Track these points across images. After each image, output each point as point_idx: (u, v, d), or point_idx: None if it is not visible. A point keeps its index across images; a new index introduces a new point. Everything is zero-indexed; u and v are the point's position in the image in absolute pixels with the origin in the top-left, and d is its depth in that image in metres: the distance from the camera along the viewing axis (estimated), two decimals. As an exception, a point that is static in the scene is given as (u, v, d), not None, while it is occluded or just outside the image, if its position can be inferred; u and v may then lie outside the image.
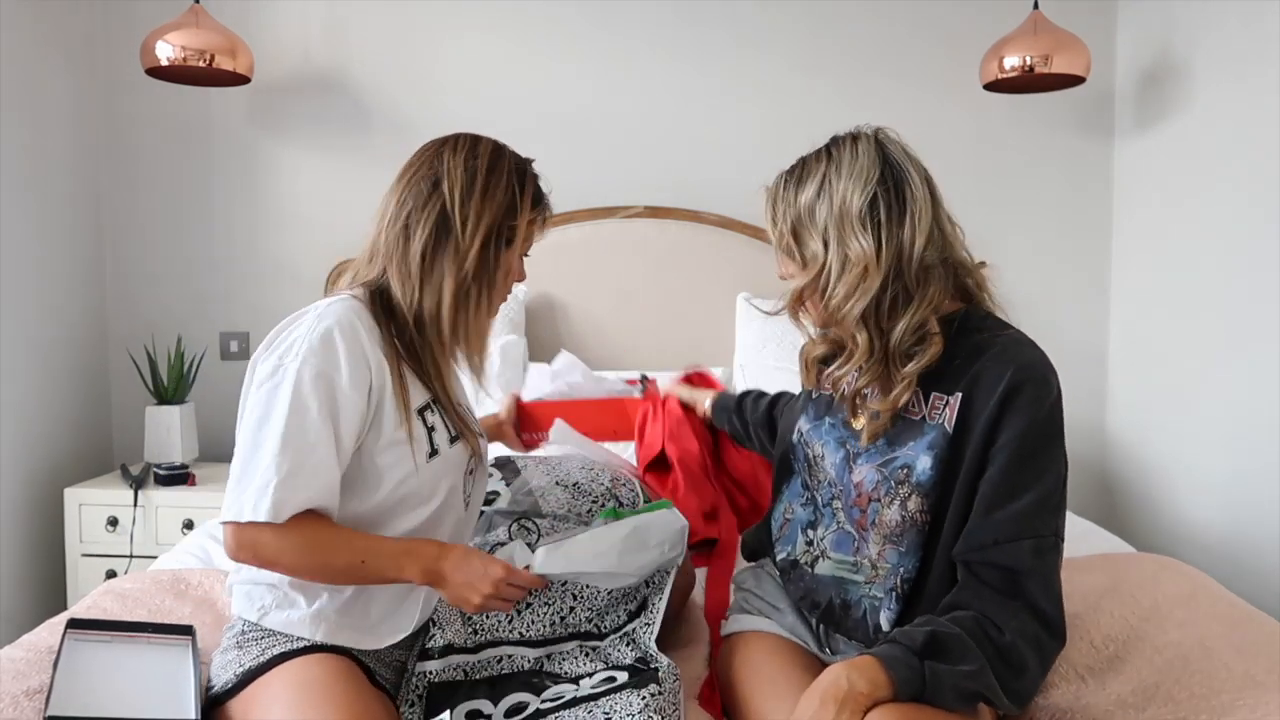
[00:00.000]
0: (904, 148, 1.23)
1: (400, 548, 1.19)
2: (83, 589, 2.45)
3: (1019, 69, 2.54)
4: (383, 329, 1.24)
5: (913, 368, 1.17)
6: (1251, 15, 2.31)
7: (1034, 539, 1.11)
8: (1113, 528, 2.62)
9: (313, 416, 1.15)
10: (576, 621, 1.35)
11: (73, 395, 2.77)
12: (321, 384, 1.16)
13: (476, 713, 1.22)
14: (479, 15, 2.88)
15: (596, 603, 1.37)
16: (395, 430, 1.21)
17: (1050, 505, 1.13)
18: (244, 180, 2.90)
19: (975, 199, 2.89)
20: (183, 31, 2.51)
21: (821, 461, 1.29)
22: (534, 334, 2.79)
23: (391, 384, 1.22)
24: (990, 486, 1.12)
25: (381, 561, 1.17)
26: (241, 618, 1.25)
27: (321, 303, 1.23)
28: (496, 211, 1.27)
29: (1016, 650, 1.07)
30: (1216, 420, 2.46)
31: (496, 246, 1.27)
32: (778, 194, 1.25)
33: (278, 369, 1.17)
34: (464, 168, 1.26)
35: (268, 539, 1.13)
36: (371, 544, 1.18)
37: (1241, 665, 1.25)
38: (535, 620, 1.33)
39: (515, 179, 1.30)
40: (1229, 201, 2.40)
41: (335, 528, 1.18)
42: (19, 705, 1.18)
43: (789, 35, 2.87)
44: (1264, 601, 2.19)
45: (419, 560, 1.18)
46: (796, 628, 1.34)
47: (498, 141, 1.33)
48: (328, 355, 1.17)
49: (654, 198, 2.87)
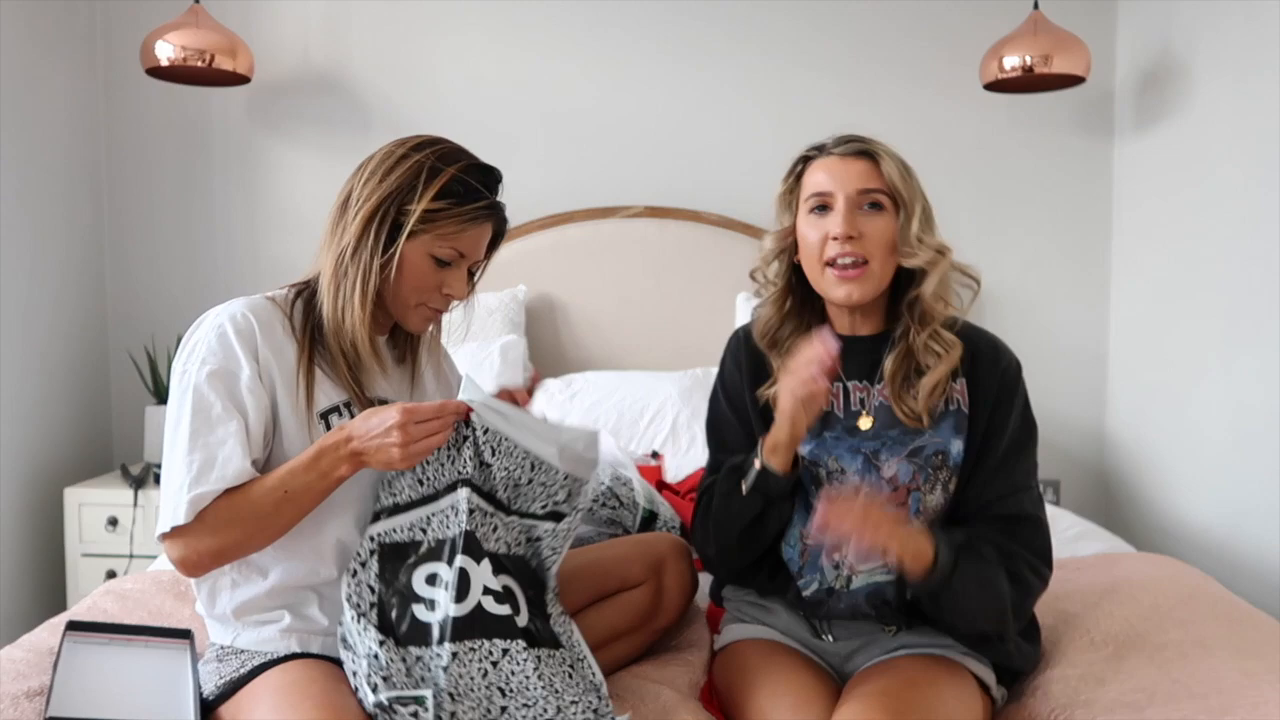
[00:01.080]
0: None
1: (309, 457, 1.15)
2: (83, 589, 2.45)
3: (1019, 69, 2.54)
4: (296, 327, 1.23)
5: (944, 367, 1.26)
6: (1252, 15, 2.30)
7: (1026, 490, 1.29)
8: (1113, 528, 2.62)
9: (217, 412, 1.15)
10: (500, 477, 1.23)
11: (73, 395, 2.77)
12: (220, 380, 1.16)
13: (435, 576, 1.18)
14: (479, 15, 2.88)
15: (515, 463, 1.23)
16: (296, 432, 1.19)
17: (1031, 466, 1.32)
18: (244, 180, 2.90)
19: (975, 199, 2.89)
20: (183, 31, 2.51)
21: (840, 476, 1.28)
22: (534, 334, 2.79)
23: (284, 384, 1.19)
24: (997, 454, 1.27)
25: (302, 479, 1.14)
26: (217, 643, 1.26)
27: (223, 303, 1.23)
28: (386, 192, 1.21)
29: (1023, 578, 1.24)
30: (1216, 420, 2.45)
31: (380, 229, 1.20)
32: (905, 168, 1.29)
33: (183, 374, 1.18)
34: (385, 152, 1.24)
35: (199, 538, 1.13)
36: (281, 473, 1.15)
37: (1241, 665, 1.25)
38: (465, 461, 1.21)
39: (428, 164, 1.22)
40: (1229, 201, 2.40)
41: (243, 489, 1.15)
42: (19, 706, 1.18)
43: (789, 35, 2.87)
44: (1264, 601, 2.19)
45: (331, 453, 1.14)
46: (790, 627, 1.35)
47: (451, 144, 1.27)
48: (225, 352, 1.17)
49: (654, 198, 2.87)
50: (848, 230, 1.25)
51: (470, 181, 1.24)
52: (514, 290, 2.77)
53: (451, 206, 1.22)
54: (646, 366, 2.71)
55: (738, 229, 2.83)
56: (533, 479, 1.23)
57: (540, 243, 2.84)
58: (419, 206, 1.20)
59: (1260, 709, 1.12)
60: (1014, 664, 1.31)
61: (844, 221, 1.25)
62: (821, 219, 1.28)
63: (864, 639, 1.32)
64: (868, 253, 1.26)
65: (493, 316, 2.69)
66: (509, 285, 2.79)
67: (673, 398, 2.50)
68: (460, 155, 1.26)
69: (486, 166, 1.28)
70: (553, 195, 2.88)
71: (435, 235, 1.22)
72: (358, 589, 1.18)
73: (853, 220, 1.26)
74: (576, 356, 2.83)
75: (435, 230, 1.22)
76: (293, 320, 1.24)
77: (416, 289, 1.25)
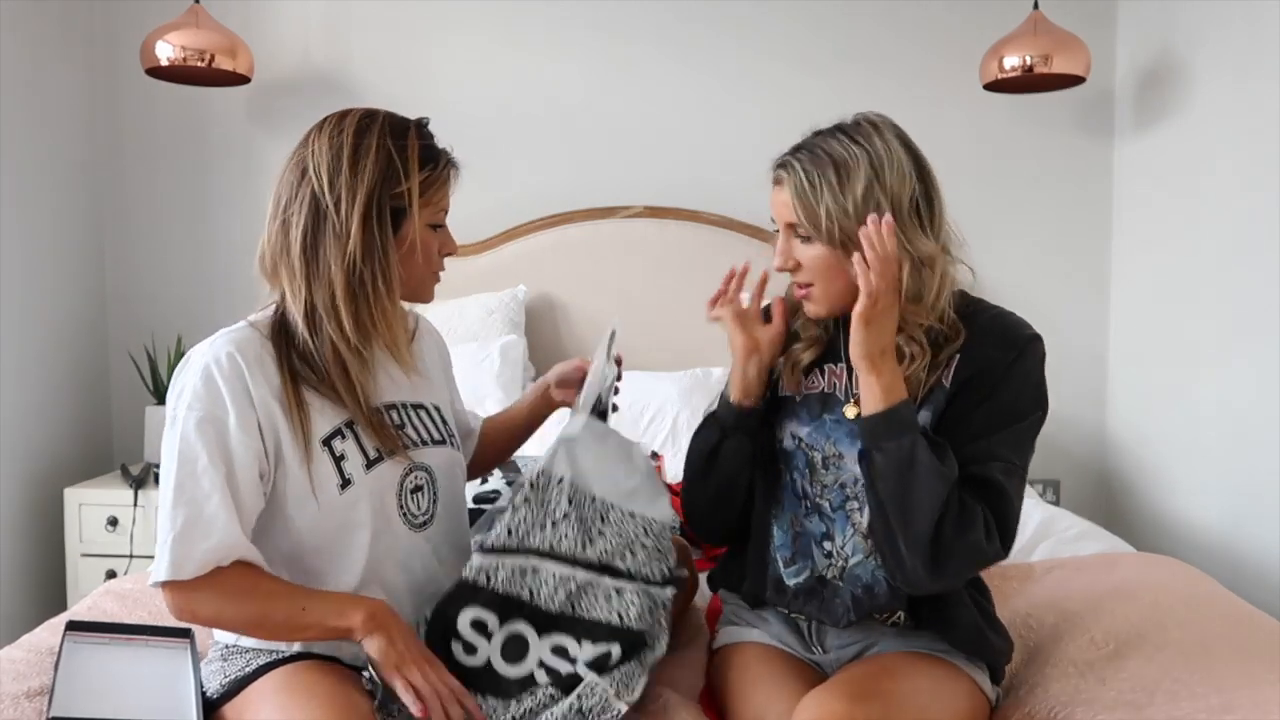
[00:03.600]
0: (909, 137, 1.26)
1: (339, 599, 1.13)
2: (83, 589, 2.45)
3: (1019, 69, 2.54)
4: (281, 356, 1.17)
5: (945, 354, 1.22)
6: (1252, 16, 2.30)
7: (1006, 463, 1.19)
8: (1113, 528, 2.61)
9: (203, 464, 1.10)
10: (608, 550, 1.27)
11: (73, 395, 2.77)
12: (208, 429, 1.11)
13: (481, 623, 1.20)
14: (479, 15, 2.88)
15: (624, 530, 1.28)
16: (299, 468, 1.15)
17: (1025, 442, 1.23)
18: (244, 180, 2.90)
19: (975, 199, 2.89)
20: (183, 31, 2.51)
21: (840, 460, 1.26)
22: (534, 334, 2.79)
23: (285, 419, 1.15)
24: (977, 422, 1.20)
25: (325, 606, 1.12)
26: (221, 642, 1.25)
27: (209, 339, 1.17)
28: (372, 183, 1.15)
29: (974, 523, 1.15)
30: (1216, 420, 2.45)
31: (382, 221, 1.16)
32: (813, 183, 1.19)
33: (173, 419, 1.14)
34: (328, 144, 1.17)
35: (197, 596, 1.10)
36: (307, 591, 1.14)
37: (1241, 665, 1.25)
38: (566, 536, 1.25)
39: (391, 142, 1.17)
40: (1229, 201, 2.40)
41: (270, 577, 1.13)
42: (19, 706, 1.18)
43: (789, 35, 2.87)
44: (1264, 601, 2.19)
45: (365, 605, 1.11)
46: (783, 635, 1.35)
47: (370, 109, 1.22)
48: (212, 397, 1.12)
49: (654, 198, 2.87)
50: (781, 264, 1.25)
51: (427, 142, 1.22)
52: (514, 290, 2.77)
53: (431, 172, 1.20)
54: (646, 366, 2.70)
55: (738, 229, 2.82)
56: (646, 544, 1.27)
57: (540, 243, 2.84)
58: (413, 184, 1.17)
59: (1260, 709, 1.12)
60: (994, 654, 1.27)
61: (778, 254, 1.25)
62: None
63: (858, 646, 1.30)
64: (807, 279, 1.24)
65: (493, 316, 2.69)
66: (509, 285, 2.79)
67: (673, 398, 2.50)
68: (398, 120, 1.22)
69: (420, 121, 1.24)
70: (553, 195, 2.88)
71: (427, 205, 1.20)
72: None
73: (788, 250, 1.24)
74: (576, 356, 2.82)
75: (426, 200, 1.20)
76: (278, 351, 1.18)
77: (428, 261, 1.23)
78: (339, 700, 1.10)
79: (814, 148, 1.21)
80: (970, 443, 1.19)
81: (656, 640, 1.25)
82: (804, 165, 1.20)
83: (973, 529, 1.15)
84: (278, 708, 1.10)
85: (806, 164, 1.20)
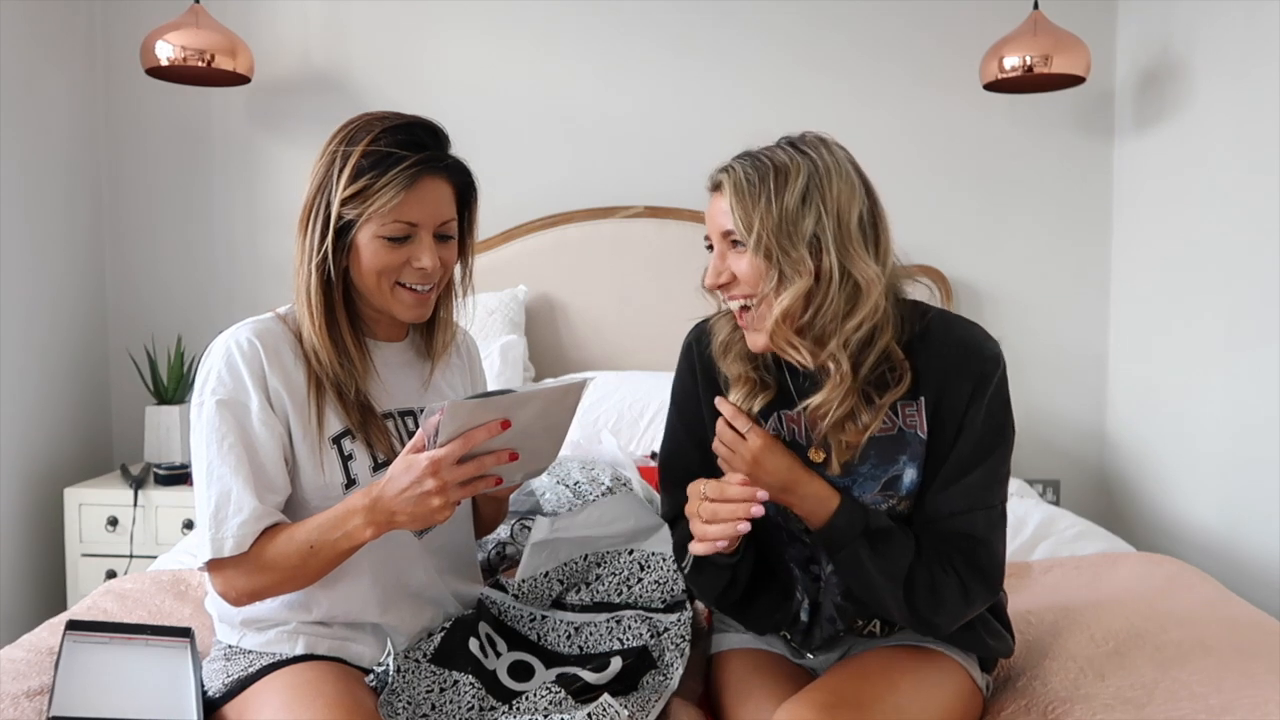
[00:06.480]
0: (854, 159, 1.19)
1: (335, 515, 1.12)
2: (83, 589, 2.45)
3: (1019, 69, 2.54)
4: (303, 349, 1.20)
5: (888, 397, 1.15)
6: (1252, 15, 2.30)
7: (985, 510, 1.16)
8: (1113, 528, 2.61)
9: (229, 443, 1.14)
10: (607, 590, 1.37)
11: (73, 395, 2.77)
12: (231, 411, 1.15)
13: (492, 641, 1.25)
14: (479, 15, 2.88)
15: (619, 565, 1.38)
16: (307, 460, 1.18)
17: (1000, 477, 1.19)
18: (244, 180, 2.90)
19: (975, 199, 2.89)
20: (183, 31, 2.51)
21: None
22: (534, 334, 2.79)
23: (296, 410, 1.17)
24: (949, 465, 1.17)
25: (329, 536, 1.11)
26: (224, 642, 1.25)
27: (232, 326, 1.21)
28: (310, 193, 1.18)
29: (948, 591, 1.15)
30: (1216, 420, 2.45)
31: (314, 229, 1.17)
32: (751, 190, 1.15)
33: (199, 405, 1.17)
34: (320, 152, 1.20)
35: (237, 577, 1.14)
36: (309, 528, 1.12)
37: (1241, 665, 1.25)
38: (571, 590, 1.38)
39: (339, 155, 1.16)
40: (1229, 201, 2.40)
41: (277, 534, 1.14)
42: (19, 706, 1.18)
43: (789, 35, 2.87)
44: (1264, 601, 2.19)
45: (357, 516, 1.10)
46: (773, 640, 1.35)
47: (366, 118, 1.19)
48: (235, 381, 1.16)
49: (654, 198, 2.87)
50: (713, 280, 1.18)
51: (384, 150, 1.15)
52: (514, 290, 2.77)
53: (374, 181, 1.14)
54: (646, 367, 2.71)
55: (738, 229, 2.82)
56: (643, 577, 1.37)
57: (540, 243, 2.84)
58: (338, 196, 1.15)
59: (1260, 709, 1.12)
60: (989, 652, 1.27)
61: (710, 271, 1.17)
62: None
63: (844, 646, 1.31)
64: (744, 293, 1.16)
65: (493, 316, 2.69)
66: (509, 285, 2.79)
67: (673, 398, 2.50)
68: (372, 126, 1.17)
69: (406, 124, 1.18)
70: (552, 195, 2.88)
71: (374, 217, 1.15)
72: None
73: (721, 265, 1.17)
74: (576, 356, 2.83)
75: (370, 211, 1.15)
76: (302, 341, 1.21)
77: (379, 273, 1.18)
78: (344, 701, 1.10)
79: (756, 155, 1.19)
80: (944, 489, 1.17)
81: (670, 668, 1.28)
82: (744, 169, 1.17)
83: (945, 602, 1.15)
84: (281, 707, 1.10)
85: (747, 168, 1.17)
